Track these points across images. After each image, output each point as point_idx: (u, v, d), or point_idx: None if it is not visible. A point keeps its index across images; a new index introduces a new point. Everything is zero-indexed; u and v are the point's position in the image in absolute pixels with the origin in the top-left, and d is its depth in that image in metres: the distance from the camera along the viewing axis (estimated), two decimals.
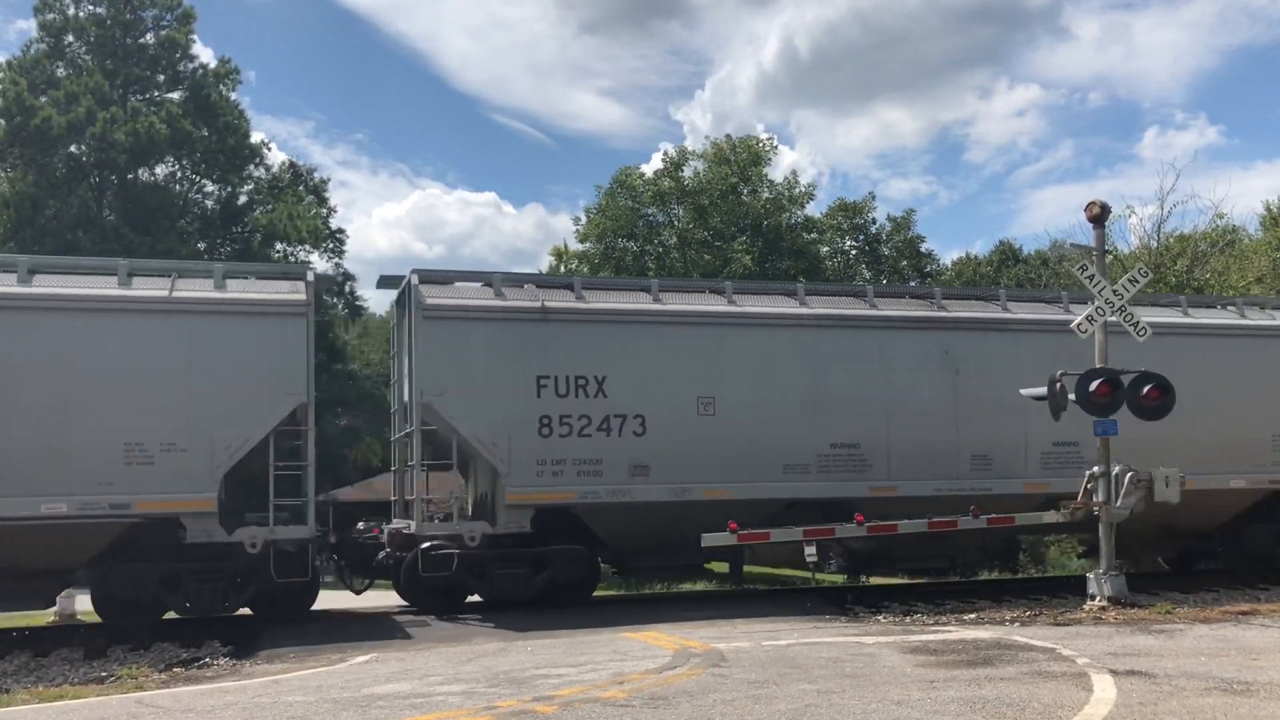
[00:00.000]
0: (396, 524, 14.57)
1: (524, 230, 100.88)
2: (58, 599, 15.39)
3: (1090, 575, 13.50)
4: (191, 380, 12.58)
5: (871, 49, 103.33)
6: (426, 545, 13.50)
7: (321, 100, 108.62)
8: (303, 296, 13.24)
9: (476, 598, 14.33)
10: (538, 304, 14.07)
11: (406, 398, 14.38)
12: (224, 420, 12.59)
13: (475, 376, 13.58)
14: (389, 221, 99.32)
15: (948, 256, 64.25)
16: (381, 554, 14.37)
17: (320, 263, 39.55)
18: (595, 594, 18.25)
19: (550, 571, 13.99)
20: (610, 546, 14.85)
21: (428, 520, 13.94)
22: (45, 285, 12.71)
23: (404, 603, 14.99)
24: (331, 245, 41.70)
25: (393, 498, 15.65)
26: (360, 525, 15.29)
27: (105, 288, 12.87)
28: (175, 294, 12.86)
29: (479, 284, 14.69)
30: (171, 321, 12.73)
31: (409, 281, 14.17)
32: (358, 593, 14.65)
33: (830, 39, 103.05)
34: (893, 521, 14.27)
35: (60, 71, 35.45)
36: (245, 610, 13.54)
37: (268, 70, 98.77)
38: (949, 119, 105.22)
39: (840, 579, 22.28)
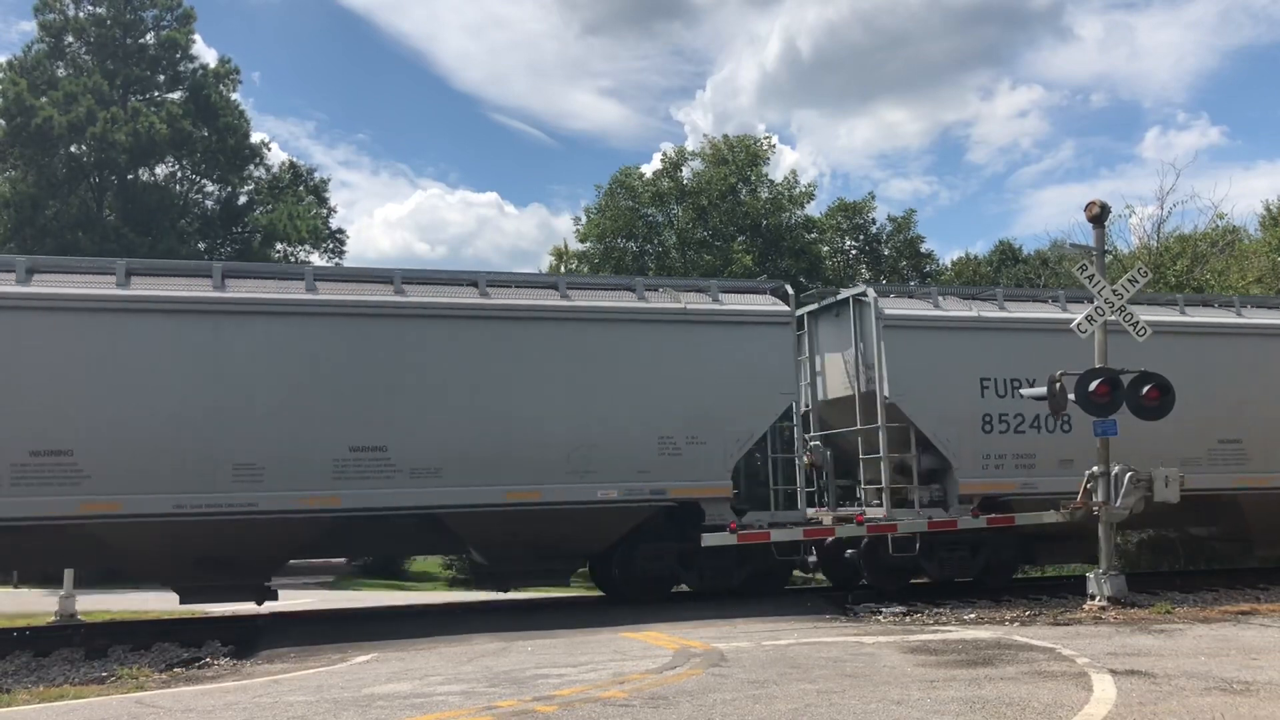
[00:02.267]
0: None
1: (526, 230, 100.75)
2: (58, 599, 15.42)
3: (1090, 575, 13.52)
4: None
5: (873, 49, 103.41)
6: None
7: (322, 101, 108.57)
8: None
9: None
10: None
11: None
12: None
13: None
14: (391, 222, 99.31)
15: (948, 256, 64.28)
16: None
17: (320, 262, 39.59)
18: (595, 594, 18.25)
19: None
20: None
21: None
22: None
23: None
24: (331, 245, 41.84)
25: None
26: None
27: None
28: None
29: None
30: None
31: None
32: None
33: (832, 40, 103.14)
34: (893, 521, 14.39)
35: (60, 72, 35.47)
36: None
37: (269, 71, 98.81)
38: (951, 120, 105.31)
39: None
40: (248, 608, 14.90)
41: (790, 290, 15.35)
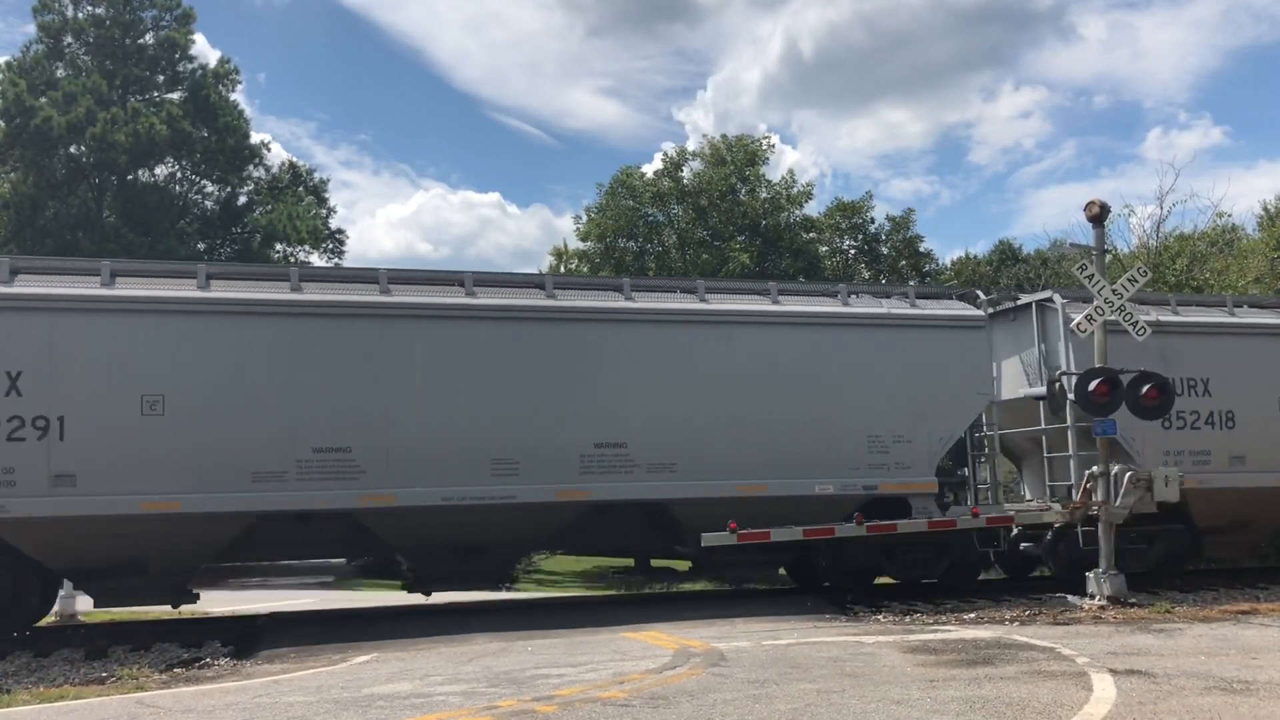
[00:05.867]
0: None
1: (529, 230, 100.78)
2: (58, 599, 15.38)
3: (1089, 574, 13.53)
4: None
5: (875, 50, 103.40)
6: None
7: (324, 101, 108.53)
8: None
9: None
10: None
11: None
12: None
13: None
14: (393, 222, 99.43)
15: (948, 256, 64.31)
16: None
17: (320, 262, 39.59)
18: (595, 594, 18.24)
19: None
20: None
21: None
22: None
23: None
24: (331, 246, 41.86)
25: None
26: None
27: None
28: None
29: None
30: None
31: None
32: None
33: (833, 40, 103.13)
34: (892, 521, 14.34)
35: (60, 72, 35.48)
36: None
37: (270, 71, 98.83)
38: (953, 120, 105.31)
39: None
40: (249, 608, 14.91)
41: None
